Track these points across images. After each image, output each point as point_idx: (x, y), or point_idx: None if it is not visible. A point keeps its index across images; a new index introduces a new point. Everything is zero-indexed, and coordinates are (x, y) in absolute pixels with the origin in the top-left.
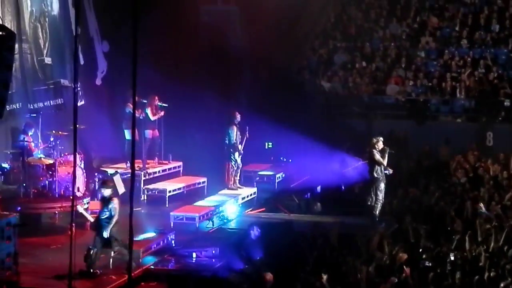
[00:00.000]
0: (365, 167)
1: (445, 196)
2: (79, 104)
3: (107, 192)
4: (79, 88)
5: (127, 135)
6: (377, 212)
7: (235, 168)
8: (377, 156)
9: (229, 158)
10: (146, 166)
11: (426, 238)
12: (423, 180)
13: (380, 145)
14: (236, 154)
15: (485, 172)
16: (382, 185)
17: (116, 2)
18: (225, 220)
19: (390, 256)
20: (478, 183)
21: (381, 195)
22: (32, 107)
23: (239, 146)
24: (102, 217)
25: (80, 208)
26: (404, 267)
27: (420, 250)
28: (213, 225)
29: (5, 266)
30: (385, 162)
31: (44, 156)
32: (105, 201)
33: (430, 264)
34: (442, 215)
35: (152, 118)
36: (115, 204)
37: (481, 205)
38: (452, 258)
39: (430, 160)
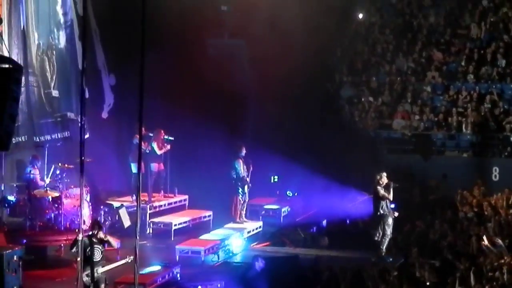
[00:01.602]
0: (370, 202)
1: (450, 231)
2: (85, 137)
3: (101, 234)
4: (84, 121)
5: (133, 168)
6: (384, 247)
7: (242, 202)
8: (382, 192)
9: (237, 191)
10: (152, 199)
11: (431, 273)
12: (429, 214)
13: (384, 180)
14: (245, 187)
15: (490, 207)
16: (390, 220)
17: (124, 35)
18: (230, 254)
19: None
20: (484, 218)
21: (389, 230)
22: (38, 140)
23: (247, 179)
24: (96, 258)
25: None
26: None
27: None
28: (218, 258)
29: None
30: (390, 197)
31: (50, 189)
32: (101, 242)
33: None
34: (447, 250)
35: (158, 152)
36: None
37: (485, 240)
38: None
39: (436, 194)
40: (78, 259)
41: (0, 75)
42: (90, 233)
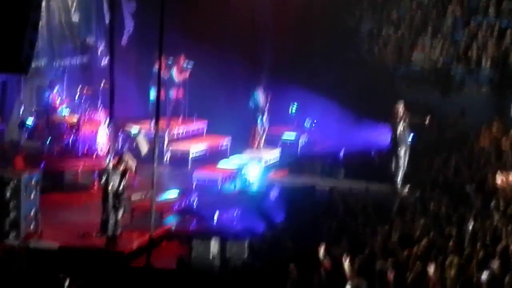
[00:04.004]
0: (387, 134)
1: (467, 167)
2: (103, 63)
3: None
4: (104, 47)
5: (152, 95)
6: (399, 179)
7: (260, 131)
8: (397, 121)
9: (256, 121)
10: (170, 126)
11: (447, 207)
12: (446, 151)
13: (401, 110)
14: (263, 117)
15: (509, 144)
16: (403, 151)
17: None
18: (247, 183)
19: (411, 224)
20: (501, 154)
21: (401, 161)
22: (57, 65)
23: (265, 109)
24: (119, 189)
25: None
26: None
27: (441, 219)
28: (235, 187)
29: (27, 223)
30: (402, 126)
31: (68, 114)
32: (122, 175)
33: (451, 233)
34: (464, 185)
35: (177, 78)
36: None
37: (499, 177)
38: (471, 227)
39: (454, 130)
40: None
41: (20, 1)
42: (116, 164)
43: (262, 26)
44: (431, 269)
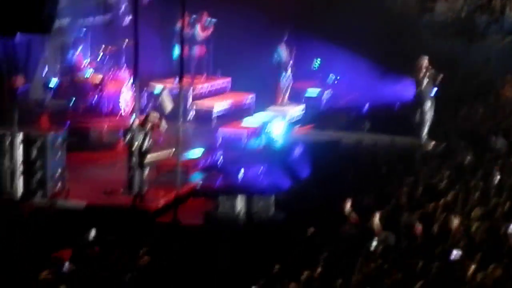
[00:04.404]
0: (412, 87)
1: (493, 115)
2: (125, 21)
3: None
4: (126, 4)
5: (176, 52)
6: (425, 131)
7: (284, 87)
8: (421, 76)
9: (279, 76)
10: (194, 82)
11: (472, 157)
12: (472, 99)
13: (425, 64)
14: (286, 72)
15: None
16: (428, 104)
17: None
18: (272, 139)
19: (437, 176)
20: None
21: (428, 115)
22: (81, 24)
23: (289, 65)
24: (145, 147)
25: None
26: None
27: (466, 170)
28: (260, 143)
29: (54, 182)
30: (426, 81)
31: (93, 72)
32: (146, 134)
33: (476, 185)
34: (489, 135)
35: (201, 34)
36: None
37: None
38: (498, 177)
39: (479, 79)
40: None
41: None
42: (143, 123)
43: None
44: (456, 221)
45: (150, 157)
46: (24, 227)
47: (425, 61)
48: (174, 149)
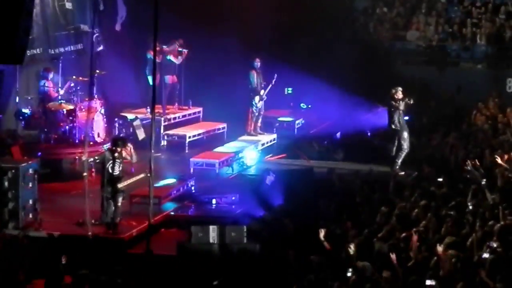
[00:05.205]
0: (385, 115)
1: (464, 143)
2: (98, 49)
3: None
4: (98, 34)
5: (150, 80)
6: (400, 161)
7: (256, 114)
8: (395, 106)
9: (251, 103)
10: (166, 111)
11: (445, 186)
12: (443, 128)
13: (400, 95)
14: (257, 98)
15: (505, 119)
16: (405, 134)
17: None
18: (245, 167)
19: (409, 204)
20: (498, 130)
21: (405, 144)
22: (52, 52)
23: (261, 92)
24: (116, 173)
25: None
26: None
27: (439, 198)
28: (233, 171)
29: (26, 212)
30: (402, 110)
31: (64, 102)
32: (119, 158)
33: (450, 212)
34: (462, 163)
35: (176, 61)
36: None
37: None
38: (471, 207)
39: (450, 106)
40: (85, 174)
41: None
42: (112, 148)
43: (256, 7)
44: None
45: (122, 185)
46: None
47: (399, 92)
48: (148, 172)
